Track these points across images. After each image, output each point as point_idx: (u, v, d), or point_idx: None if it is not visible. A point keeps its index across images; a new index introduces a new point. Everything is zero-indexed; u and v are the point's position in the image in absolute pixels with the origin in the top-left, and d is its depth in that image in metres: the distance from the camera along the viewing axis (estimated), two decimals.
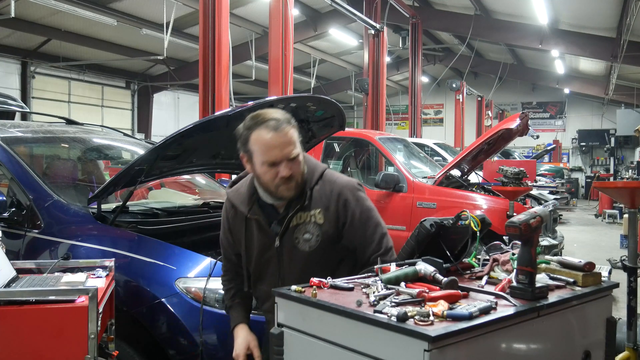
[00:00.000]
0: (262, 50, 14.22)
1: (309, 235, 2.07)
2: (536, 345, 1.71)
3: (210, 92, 6.87)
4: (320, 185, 2.10)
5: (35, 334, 2.01)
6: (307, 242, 2.07)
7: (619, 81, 16.62)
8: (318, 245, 2.07)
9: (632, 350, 2.92)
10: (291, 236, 2.09)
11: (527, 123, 6.34)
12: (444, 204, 6.39)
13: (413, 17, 14.40)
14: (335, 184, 2.11)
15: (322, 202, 2.08)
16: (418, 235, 2.06)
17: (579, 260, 1.96)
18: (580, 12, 13.05)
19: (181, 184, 4.49)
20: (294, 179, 2.02)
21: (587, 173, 23.83)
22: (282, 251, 2.11)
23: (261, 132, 1.98)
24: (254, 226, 2.14)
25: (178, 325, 2.59)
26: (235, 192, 2.22)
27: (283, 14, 7.73)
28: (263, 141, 1.98)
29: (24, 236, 3.02)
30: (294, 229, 2.08)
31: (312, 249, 2.07)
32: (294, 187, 2.04)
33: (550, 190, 12.40)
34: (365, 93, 12.21)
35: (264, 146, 1.98)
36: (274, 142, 1.96)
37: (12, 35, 14.55)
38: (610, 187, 3.65)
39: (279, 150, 1.97)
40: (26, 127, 4.06)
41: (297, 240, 2.08)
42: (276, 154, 1.97)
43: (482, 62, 21.03)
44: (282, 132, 1.97)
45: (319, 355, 1.67)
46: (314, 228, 2.07)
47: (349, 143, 7.96)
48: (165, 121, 20.20)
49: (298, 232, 2.08)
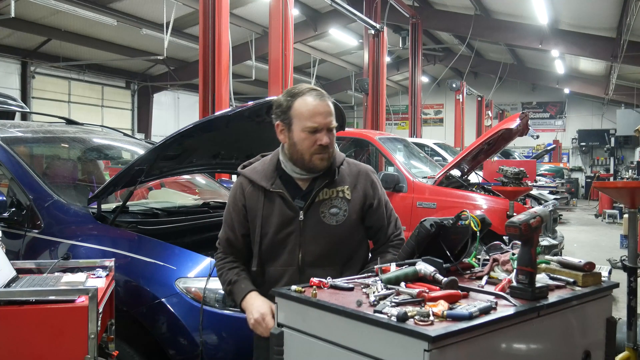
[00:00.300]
0: (262, 50, 14.22)
1: (336, 209, 2.09)
2: (536, 345, 1.71)
3: (210, 92, 6.87)
4: (346, 165, 2.19)
5: (35, 334, 2.01)
6: (334, 217, 2.08)
7: (619, 81, 16.62)
8: (344, 220, 2.09)
9: (632, 350, 2.91)
10: (317, 210, 2.09)
11: (527, 123, 6.33)
12: (444, 204, 6.38)
13: (413, 17, 14.40)
14: (361, 166, 2.23)
15: (349, 180, 2.16)
16: (418, 235, 2.06)
17: (579, 260, 1.96)
18: (580, 12, 13.04)
19: (181, 184, 4.49)
20: (329, 150, 2.07)
21: (587, 173, 23.82)
22: (305, 225, 2.08)
23: (306, 99, 2.05)
24: (275, 200, 2.12)
25: (178, 325, 2.58)
26: (252, 169, 2.21)
27: (283, 14, 7.73)
28: (309, 107, 2.04)
29: (24, 236, 3.02)
30: (320, 203, 2.10)
31: (338, 223, 2.08)
32: (327, 158, 2.08)
33: (550, 190, 12.39)
34: (365, 93, 12.20)
35: (308, 112, 2.03)
36: (319, 108, 2.04)
37: (12, 35, 14.55)
38: (610, 187, 3.65)
39: (323, 118, 2.04)
40: (26, 127, 4.06)
41: (323, 214, 2.08)
42: (320, 120, 2.03)
43: (482, 62, 21.03)
44: (325, 102, 2.07)
45: (319, 355, 1.67)
46: (342, 203, 2.11)
47: (349, 143, 7.96)
48: (165, 121, 20.19)
49: (324, 206, 2.09)
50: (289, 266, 2.09)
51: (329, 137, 2.05)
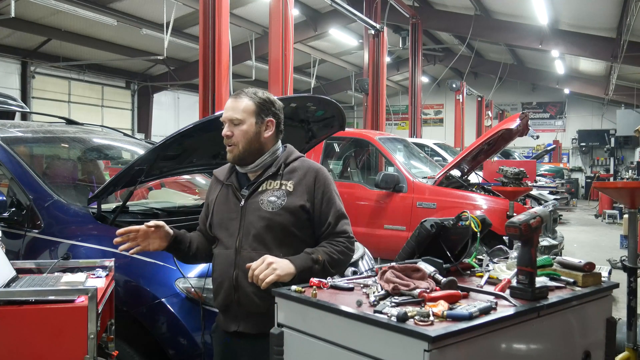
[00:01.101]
0: (262, 50, 14.21)
1: (275, 198, 2.24)
2: (536, 345, 1.70)
3: (210, 92, 6.86)
4: (299, 163, 2.32)
5: (34, 334, 2.01)
6: (271, 204, 2.22)
7: (619, 81, 16.62)
8: (281, 208, 2.21)
9: (632, 351, 2.91)
10: (257, 198, 2.26)
11: (527, 123, 6.34)
12: (444, 204, 6.38)
13: (413, 17, 14.40)
14: (312, 165, 2.34)
15: (296, 176, 2.28)
16: (418, 236, 2.06)
17: (579, 260, 1.97)
18: (580, 12, 13.04)
19: (181, 184, 4.49)
20: (233, 143, 2.26)
21: (587, 173, 23.82)
22: (245, 211, 2.26)
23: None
24: (227, 192, 2.35)
25: (178, 326, 2.59)
26: (219, 169, 2.50)
27: (283, 14, 7.73)
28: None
29: (24, 236, 3.02)
30: (261, 193, 2.27)
31: (274, 209, 2.21)
32: (233, 151, 2.27)
33: (550, 191, 12.39)
34: (365, 93, 12.20)
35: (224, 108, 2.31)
36: (227, 104, 2.31)
37: (12, 35, 14.55)
38: (610, 188, 3.65)
39: (227, 112, 2.29)
40: (26, 127, 4.06)
41: (261, 202, 2.24)
42: (224, 114, 2.30)
43: (482, 62, 21.03)
44: (237, 99, 2.29)
45: (319, 355, 1.67)
46: (282, 193, 2.24)
47: (349, 143, 7.95)
48: (165, 121, 20.19)
49: (265, 195, 2.26)
50: (228, 249, 2.26)
51: (230, 131, 2.26)
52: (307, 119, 3.22)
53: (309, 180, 2.27)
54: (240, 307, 2.21)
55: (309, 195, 2.25)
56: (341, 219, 2.28)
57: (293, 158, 2.34)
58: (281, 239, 2.20)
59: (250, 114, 2.26)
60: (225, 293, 2.24)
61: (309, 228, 2.27)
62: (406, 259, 2.03)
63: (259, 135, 2.28)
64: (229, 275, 2.22)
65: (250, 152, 2.28)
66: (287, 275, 2.04)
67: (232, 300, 2.22)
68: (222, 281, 2.25)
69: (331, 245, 2.21)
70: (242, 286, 2.19)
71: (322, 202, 2.26)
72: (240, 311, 2.22)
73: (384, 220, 6.70)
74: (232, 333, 2.25)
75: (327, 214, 2.26)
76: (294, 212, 2.22)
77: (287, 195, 2.23)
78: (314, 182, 2.27)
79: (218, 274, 2.28)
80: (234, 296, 2.21)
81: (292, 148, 2.41)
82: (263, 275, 2.02)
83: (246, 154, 2.27)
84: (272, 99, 2.34)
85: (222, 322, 2.30)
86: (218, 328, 2.35)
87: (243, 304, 2.20)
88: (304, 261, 2.11)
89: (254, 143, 2.27)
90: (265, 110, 2.29)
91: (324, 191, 2.27)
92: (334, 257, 2.17)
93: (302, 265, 2.10)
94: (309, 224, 2.26)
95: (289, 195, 2.23)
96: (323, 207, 2.26)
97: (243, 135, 2.25)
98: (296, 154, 2.38)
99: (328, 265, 2.14)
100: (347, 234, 2.27)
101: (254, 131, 2.26)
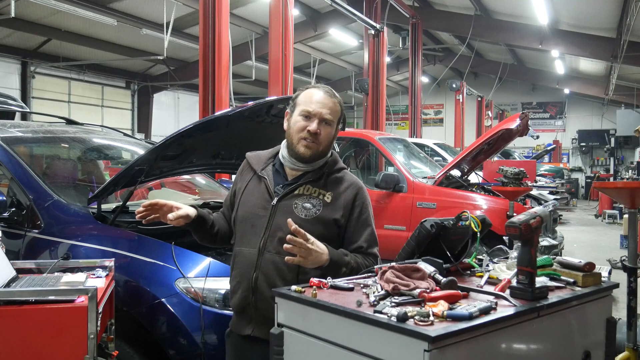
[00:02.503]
0: (262, 50, 14.22)
1: (310, 205, 2.13)
2: (536, 345, 1.71)
3: (210, 92, 6.87)
4: (342, 175, 2.24)
5: (34, 334, 2.01)
6: (305, 210, 2.12)
7: (619, 81, 16.62)
8: (314, 217, 2.11)
9: (632, 351, 2.91)
10: (291, 201, 2.15)
11: (527, 123, 6.33)
12: (444, 204, 6.38)
13: (413, 17, 14.40)
14: (356, 181, 2.24)
15: (336, 188, 2.19)
16: (418, 236, 2.06)
17: (579, 260, 1.97)
18: (580, 12, 13.05)
19: (181, 184, 4.48)
20: (316, 142, 2.14)
21: (587, 173, 23.83)
22: (276, 211, 2.15)
23: (312, 89, 2.21)
24: (260, 184, 2.23)
25: (178, 325, 2.59)
26: (254, 154, 2.36)
27: (283, 14, 7.73)
28: (311, 94, 2.18)
29: (24, 236, 3.02)
30: (297, 196, 2.16)
31: (307, 217, 2.11)
32: (313, 148, 2.15)
33: (550, 191, 12.40)
34: (365, 93, 12.20)
35: (309, 97, 2.17)
36: (319, 98, 2.16)
37: (12, 35, 14.55)
38: (610, 188, 3.64)
39: (318, 106, 2.14)
40: (26, 127, 4.06)
41: (295, 206, 2.14)
42: (314, 107, 2.14)
43: (482, 62, 21.03)
44: (330, 97, 2.17)
45: (319, 355, 1.67)
46: (319, 203, 2.15)
47: (349, 143, 7.95)
48: (165, 121, 20.19)
49: (300, 199, 2.15)
50: (251, 248, 2.16)
51: (319, 127, 2.13)
52: None
53: (349, 196, 2.18)
54: (256, 310, 2.12)
55: (345, 210, 2.16)
56: (374, 244, 2.21)
57: (337, 168, 2.25)
58: None
59: (338, 118, 2.22)
60: (242, 294, 2.15)
61: (337, 241, 2.17)
62: (406, 259, 2.03)
63: (333, 142, 2.24)
64: (249, 277, 2.13)
65: (322, 156, 2.21)
66: (316, 264, 2.00)
67: (248, 302, 2.14)
68: (241, 281, 2.16)
69: (364, 259, 2.14)
70: (261, 289, 2.10)
71: (357, 222, 2.18)
72: (256, 314, 2.13)
73: (384, 220, 6.70)
74: (245, 337, 2.17)
75: (359, 235, 2.17)
76: (326, 224, 2.13)
77: (323, 205, 2.14)
78: (354, 198, 2.19)
79: (237, 272, 2.19)
80: (250, 298, 2.13)
81: (337, 157, 2.31)
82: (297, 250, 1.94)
83: (320, 156, 2.19)
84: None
85: (236, 324, 2.22)
86: (232, 332, 2.26)
87: (260, 307, 2.11)
88: (339, 258, 2.06)
89: (328, 148, 2.22)
90: (342, 118, 2.26)
91: (361, 210, 2.19)
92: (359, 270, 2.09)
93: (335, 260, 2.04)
94: (338, 238, 2.17)
95: (326, 206, 2.14)
96: (358, 226, 2.18)
97: (328, 138, 2.18)
98: (340, 164, 2.29)
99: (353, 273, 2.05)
100: (376, 257, 2.20)
101: (333, 137, 2.22)
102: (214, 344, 2.57)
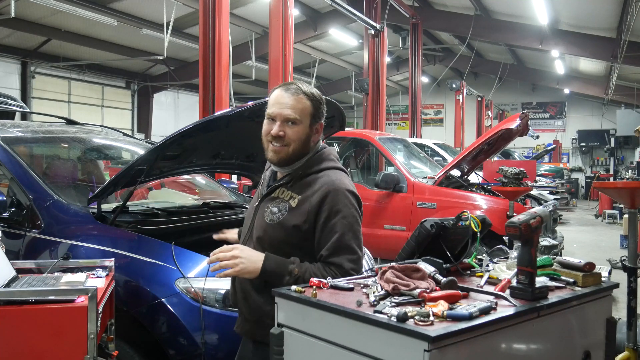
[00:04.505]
0: (262, 50, 14.22)
1: (276, 209, 2.08)
2: (536, 345, 1.70)
3: (210, 92, 6.87)
4: (318, 176, 2.07)
5: (34, 334, 2.01)
6: (271, 215, 2.08)
7: (619, 81, 16.62)
8: (277, 222, 2.06)
9: (632, 351, 2.91)
10: (265, 204, 2.14)
11: (527, 123, 6.34)
12: (444, 204, 6.39)
13: (413, 17, 14.40)
14: (328, 183, 2.04)
15: (305, 192, 2.05)
16: (418, 236, 2.06)
17: (579, 260, 1.96)
18: (580, 12, 13.05)
19: (181, 184, 4.49)
20: (283, 144, 2.05)
21: (587, 173, 23.83)
22: (256, 214, 2.16)
23: (277, 90, 2.10)
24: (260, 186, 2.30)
25: (178, 325, 2.59)
26: None
27: (283, 14, 7.73)
28: (274, 95, 2.10)
29: (24, 236, 3.02)
30: (271, 199, 2.13)
31: (271, 222, 2.07)
32: (280, 152, 2.06)
33: (550, 191, 12.40)
34: (365, 93, 12.20)
35: (272, 99, 2.09)
36: (280, 98, 2.06)
37: (12, 35, 14.55)
38: (610, 188, 3.64)
39: (278, 107, 2.05)
40: (26, 127, 4.06)
41: (266, 209, 2.11)
42: (274, 109, 2.06)
43: (482, 62, 21.03)
44: (292, 95, 2.05)
45: (319, 355, 1.67)
46: (285, 207, 2.07)
47: (349, 143, 7.96)
48: (165, 121, 20.19)
49: (271, 203, 2.11)
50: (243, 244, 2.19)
51: (281, 129, 2.04)
52: None
53: (315, 200, 2.00)
54: (240, 309, 2.19)
55: (309, 215, 2.00)
56: (341, 252, 1.98)
57: (316, 169, 2.09)
58: (275, 252, 2.04)
59: (308, 115, 2.06)
60: (232, 292, 2.23)
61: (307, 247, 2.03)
62: (406, 259, 2.03)
63: (309, 140, 2.08)
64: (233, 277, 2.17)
65: (298, 156, 2.08)
66: (248, 274, 1.98)
67: (235, 300, 2.21)
68: (233, 280, 2.21)
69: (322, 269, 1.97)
70: (237, 290, 2.17)
71: (324, 228, 1.99)
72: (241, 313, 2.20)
73: (384, 220, 6.70)
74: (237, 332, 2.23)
75: (324, 242, 1.99)
76: (287, 230, 2.03)
77: (288, 210, 2.04)
78: (321, 203, 2.00)
79: None
80: (236, 297, 2.20)
81: (326, 154, 2.14)
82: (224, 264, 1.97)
83: (294, 158, 2.07)
84: (323, 100, 2.13)
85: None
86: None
87: (240, 307, 2.18)
88: (279, 266, 1.97)
89: (303, 147, 2.07)
90: (319, 114, 2.09)
91: (328, 215, 1.99)
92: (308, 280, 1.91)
93: (272, 269, 1.97)
94: (307, 243, 2.03)
95: (290, 211, 2.04)
96: (324, 233, 1.99)
97: (297, 137, 2.04)
98: (324, 164, 2.11)
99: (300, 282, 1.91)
100: (340, 267, 1.97)
101: (307, 134, 2.06)
102: (214, 344, 2.57)
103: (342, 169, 2.16)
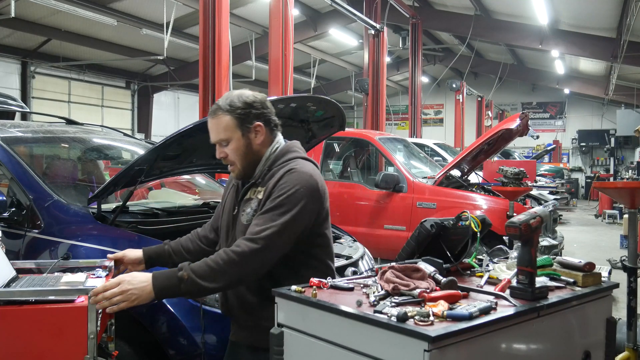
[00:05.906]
0: (262, 50, 14.22)
1: (249, 209, 2.10)
2: (536, 345, 1.71)
3: (210, 92, 6.87)
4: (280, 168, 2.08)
5: (34, 334, 2.01)
6: (247, 215, 2.09)
7: (619, 81, 16.63)
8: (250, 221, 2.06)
9: (632, 351, 2.91)
10: (242, 206, 2.15)
11: (527, 123, 6.34)
12: (444, 204, 6.39)
13: (413, 17, 14.40)
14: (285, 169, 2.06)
15: (268, 183, 2.08)
16: (418, 236, 2.06)
17: (579, 260, 1.97)
18: (580, 12, 13.05)
19: (181, 184, 4.49)
20: (232, 163, 2.12)
21: (587, 173, 23.83)
22: (236, 218, 2.16)
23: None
24: (233, 193, 2.26)
25: (178, 325, 2.59)
26: None
27: (283, 14, 7.73)
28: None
29: (24, 236, 3.02)
30: (245, 201, 2.15)
31: (247, 223, 2.07)
32: (235, 171, 2.14)
33: (550, 191, 12.41)
34: (365, 93, 12.20)
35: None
36: (210, 126, 2.12)
37: (12, 35, 14.55)
38: (610, 188, 3.65)
39: (211, 135, 2.12)
40: (26, 127, 4.06)
41: (242, 212, 2.13)
42: (212, 137, 2.12)
43: (482, 62, 21.03)
44: (213, 119, 2.09)
45: (319, 355, 1.67)
46: (255, 203, 2.09)
47: (349, 143, 7.96)
48: (165, 121, 20.19)
49: (246, 204, 2.13)
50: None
51: (222, 152, 2.11)
52: (307, 119, 3.21)
53: (270, 186, 2.03)
54: (233, 316, 2.21)
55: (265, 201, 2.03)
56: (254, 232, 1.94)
57: (281, 162, 2.10)
58: None
59: (234, 129, 2.06)
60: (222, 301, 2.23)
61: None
62: (406, 259, 2.03)
63: (251, 145, 2.09)
64: None
65: (252, 165, 2.12)
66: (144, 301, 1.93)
67: (226, 309, 2.22)
68: None
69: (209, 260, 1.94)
70: (230, 296, 2.17)
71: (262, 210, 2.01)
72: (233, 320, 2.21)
73: (384, 220, 6.71)
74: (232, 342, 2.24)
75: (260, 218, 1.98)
76: None
77: (258, 205, 2.06)
78: (273, 187, 2.02)
79: None
80: (226, 305, 2.21)
81: (291, 146, 2.17)
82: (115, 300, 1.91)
83: (249, 169, 2.12)
84: (249, 100, 2.08)
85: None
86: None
87: (234, 314, 2.19)
88: (169, 279, 1.92)
89: (250, 156, 2.09)
90: (247, 118, 2.07)
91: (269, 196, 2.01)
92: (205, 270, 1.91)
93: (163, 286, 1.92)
94: None
95: (259, 204, 2.06)
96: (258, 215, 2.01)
97: (237, 152, 2.08)
98: (288, 155, 2.12)
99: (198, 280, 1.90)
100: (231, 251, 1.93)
101: (244, 144, 2.08)
102: (214, 344, 2.57)
103: (307, 158, 2.17)
